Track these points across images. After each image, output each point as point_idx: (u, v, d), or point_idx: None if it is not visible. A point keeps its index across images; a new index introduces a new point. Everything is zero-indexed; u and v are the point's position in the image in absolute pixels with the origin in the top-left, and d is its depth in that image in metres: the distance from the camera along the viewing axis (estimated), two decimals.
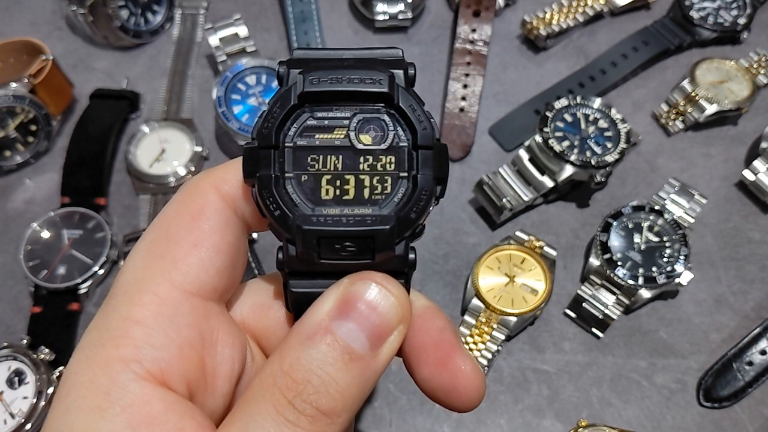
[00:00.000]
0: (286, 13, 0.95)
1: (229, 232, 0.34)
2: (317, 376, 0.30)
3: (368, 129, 0.34)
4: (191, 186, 0.35)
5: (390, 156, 0.33)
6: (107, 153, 0.84)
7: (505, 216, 0.78)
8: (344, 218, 0.32)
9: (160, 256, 0.33)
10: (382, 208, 0.33)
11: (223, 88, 0.84)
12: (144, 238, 0.34)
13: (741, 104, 0.86)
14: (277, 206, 0.32)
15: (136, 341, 0.31)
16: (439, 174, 0.33)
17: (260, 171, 0.33)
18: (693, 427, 0.68)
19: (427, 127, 0.33)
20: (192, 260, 0.33)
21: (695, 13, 0.93)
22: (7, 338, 0.71)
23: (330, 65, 0.33)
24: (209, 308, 0.34)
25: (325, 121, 0.33)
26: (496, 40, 0.94)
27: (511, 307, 0.71)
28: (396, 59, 0.35)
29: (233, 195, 0.35)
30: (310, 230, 0.31)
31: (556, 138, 0.77)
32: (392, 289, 0.32)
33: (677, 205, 0.77)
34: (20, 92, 0.82)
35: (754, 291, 0.76)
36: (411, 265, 0.34)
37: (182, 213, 0.34)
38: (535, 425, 0.69)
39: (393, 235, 0.32)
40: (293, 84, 0.33)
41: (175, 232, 0.34)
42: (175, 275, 0.32)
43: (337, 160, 0.33)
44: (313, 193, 0.33)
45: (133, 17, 0.94)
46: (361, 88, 0.33)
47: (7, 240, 0.80)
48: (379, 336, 0.31)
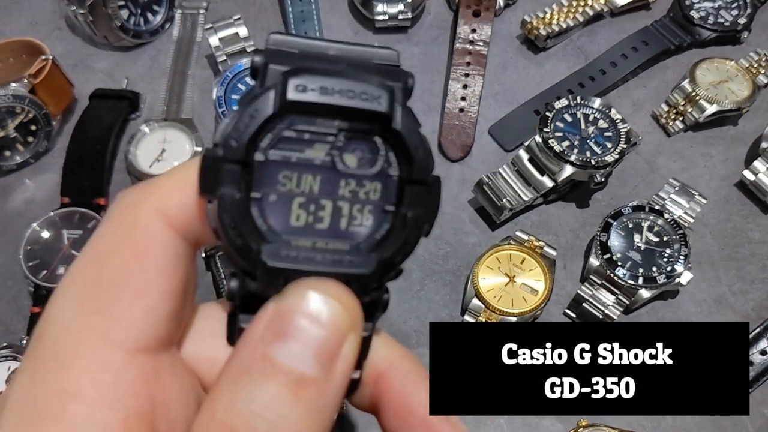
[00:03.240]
0: (286, 13, 0.95)
1: (179, 269, 0.28)
2: (263, 419, 0.24)
3: (355, 149, 0.28)
4: (128, 211, 0.28)
5: (376, 183, 0.28)
6: (107, 153, 0.84)
7: (505, 216, 0.78)
8: (318, 254, 0.27)
9: (96, 311, 0.27)
10: (361, 245, 0.28)
11: (223, 88, 0.84)
12: (74, 281, 0.28)
13: (741, 104, 0.86)
14: (239, 234, 0.26)
15: (74, 419, 0.25)
16: (431, 214, 0.29)
17: (222, 189, 0.26)
18: (693, 427, 0.68)
19: (424, 158, 0.28)
20: (136, 313, 0.27)
21: (695, 13, 0.93)
22: (7, 338, 0.71)
23: (320, 69, 0.28)
24: (159, 364, 0.28)
25: (305, 134, 0.28)
26: (496, 40, 0.94)
27: (511, 307, 0.71)
28: (393, 68, 0.29)
29: (183, 220, 0.28)
30: (277, 269, 0.26)
31: (556, 138, 0.77)
32: (333, 292, 0.26)
33: (677, 205, 0.77)
34: (20, 92, 0.82)
35: (754, 291, 0.76)
36: (383, 307, 0.30)
37: (120, 252, 0.28)
38: (534, 425, 0.69)
39: (372, 281, 0.27)
40: (273, 86, 0.27)
41: (112, 277, 0.27)
42: (116, 334, 0.27)
43: (313, 181, 0.28)
44: (282, 217, 0.28)
45: (133, 17, 0.94)
46: (354, 104, 0.27)
47: (7, 240, 0.80)
48: (329, 351, 0.26)
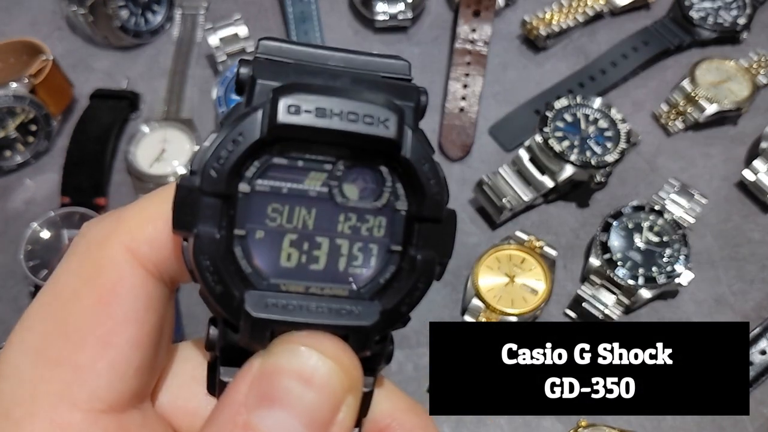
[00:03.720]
0: (286, 13, 0.95)
1: (152, 313, 0.25)
2: None
3: (357, 179, 0.24)
4: (93, 248, 0.25)
5: (381, 218, 0.25)
6: (107, 153, 0.84)
7: (505, 216, 0.78)
8: (312, 302, 0.23)
9: (55, 363, 0.23)
10: (362, 291, 0.24)
11: (223, 88, 0.84)
12: (30, 328, 0.25)
13: (741, 104, 0.86)
14: (219, 280, 0.23)
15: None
16: (445, 254, 0.26)
17: (199, 226, 0.23)
18: (693, 427, 0.68)
19: (438, 191, 0.24)
20: (101, 366, 0.23)
21: (695, 13, 0.93)
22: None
23: (316, 86, 0.23)
24: (127, 424, 0.25)
25: (298, 161, 0.24)
26: (496, 40, 0.94)
27: (511, 307, 0.71)
28: (405, 83, 0.25)
29: (156, 258, 0.25)
30: (262, 320, 0.23)
31: (556, 138, 0.77)
32: (328, 348, 0.23)
33: (677, 205, 0.77)
34: (20, 92, 0.82)
35: (754, 291, 0.76)
36: (387, 358, 0.26)
37: (83, 294, 0.24)
38: (535, 425, 0.68)
39: (374, 334, 0.24)
40: (261, 105, 0.23)
41: (74, 324, 0.24)
42: (77, 392, 0.23)
43: (308, 215, 0.24)
44: (270, 258, 0.24)
45: (133, 17, 0.94)
46: (357, 129, 0.23)
47: (7, 240, 0.80)
48: (322, 420, 0.22)
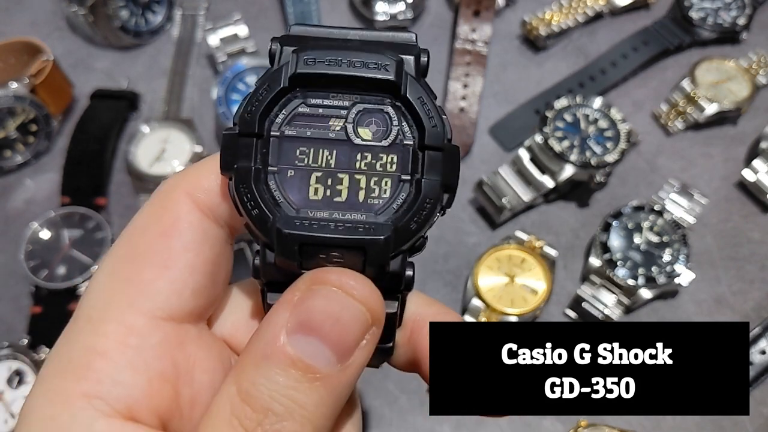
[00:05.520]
0: (286, 13, 0.95)
1: (206, 247, 0.31)
2: (279, 404, 0.26)
3: (369, 122, 0.29)
4: (162, 195, 0.31)
5: (392, 155, 0.29)
6: (107, 153, 0.84)
7: (505, 216, 0.78)
8: (332, 223, 0.28)
9: (126, 279, 0.29)
10: (378, 215, 0.29)
11: (223, 88, 0.84)
12: (110, 256, 0.31)
13: (741, 104, 0.86)
14: (255, 204, 0.28)
15: (99, 375, 0.27)
16: (448, 180, 0.29)
17: (239, 162, 0.28)
18: (693, 427, 0.68)
19: (437, 124, 0.29)
20: (161, 283, 0.29)
21: (695, 14, 0.93)
22: (8, 338, 0.71)
23: (330, 45, 0.29)
24: (184, 333, 0.30)
25: (319, 109, 0.29)
26: (496, 40, 0.94)
27: (511, 307, 0.71)
28: (407, 44, 0.30)
29: (211, 203, 0.31)
30: (291, 234, 0.27)
31: (556, 138, 0.77)
32: (356, 289, 0.28)
33: (677, 205, 0.77)
34: (21, 92, 0.82)
35: (754, 291, 0.76)
36: (407, 284, 0.30)
37: (151, 229, 0.30)
38: (535, 425, 0.69)
39: (388, 248, 0.28)
40: (285, 63, 0.28)
41: (142, 251, 0.30)
42: (143, 301, 0.29)
43: (330, 156, 0.29)
44: (300, 192, 0.29)
45: (133, 17, 0.94)
46: (362, 73, 0.28)
47: (7, 240, 0.80)
48: (346, 348, 0.27)
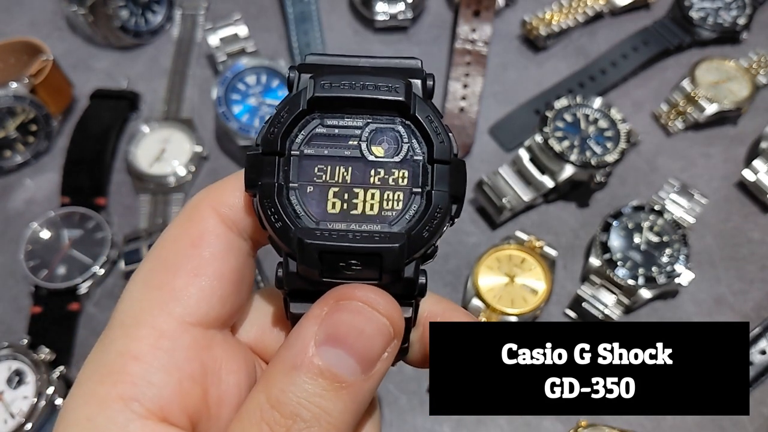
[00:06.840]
0: (286, 13, 0.95)
1: (231, 257, 0.33)
2: (306, 410, 0.29)
3: (381, 140, 0.32)
4: (190, 209, 0.34)
5: (403, 170, 0.32)
6: (107, 153, 0.84)
7: (505, 216, 0.78)
8: (350, 234, 0.30)
9: (158, 287, 0.32)
10: (393, 225, 0.31)
11: (223, 88, 0.84)
12: (142, 267, 0.33)
13: (741, 104, 0.86)
14: (279, 217, 0.30)
15: (133, 378, 0.30)
16: (456, 191, 0.31)
17: (262, 179, 0.31)
18: (693, 427, 0.68)
19: (444, 140, 0.31)
20: (192, 290, 0.32)
21: (695, 14, 0.93)
22: (8, 338, 0.71)
23: (343, 71, 0.32)
24: (212, 337, 0.33)
25: (335, 129, 0.32)
26: (496, 40, 0.94)
27: (511, 307, 0.71)
28: (414, 68, 0.33)
29: (235, 217, 0.33)
30: (312, 244, 0.29)
31: (556, 138, 0.77)
32: (380, 304, 0.30)
33: (677, 205, 0.77)
34: (20, 92, 0.82)
35: (754, 291, 0.76)
36: (420, 290, 0.32)
37: (181, 240, 0.33)
38: (535, 425, 0.69)
39: (403, 255, 0.30)
40: (303, 88, 0.31)
41: (173, 260, 0.32)
42: (174, 307, 0.31)
43: (346, 172, 0.31)
44: (319, 206, 0.31)
45: (133, 17, 0.94)
46: (375, 95, 0.31)
47: (7, 240, 0.80)
48: (370, 359, 0.30)
